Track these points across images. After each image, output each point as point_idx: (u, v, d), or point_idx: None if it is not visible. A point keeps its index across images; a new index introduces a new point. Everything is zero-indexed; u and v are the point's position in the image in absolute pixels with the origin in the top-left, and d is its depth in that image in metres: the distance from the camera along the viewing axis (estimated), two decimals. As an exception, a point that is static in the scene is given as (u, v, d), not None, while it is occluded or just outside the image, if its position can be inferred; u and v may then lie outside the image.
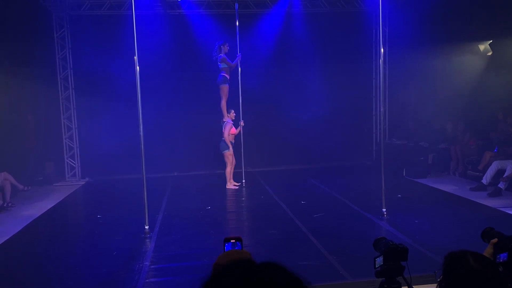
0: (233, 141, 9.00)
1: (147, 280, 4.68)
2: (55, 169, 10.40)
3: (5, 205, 7.89)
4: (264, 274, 0.99)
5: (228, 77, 8.82)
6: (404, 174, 9.71)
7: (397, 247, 2.27)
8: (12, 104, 9.80)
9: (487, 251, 2.24)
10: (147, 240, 5.95)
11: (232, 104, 9.21)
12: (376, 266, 2.33)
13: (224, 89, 8.85)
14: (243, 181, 9.23)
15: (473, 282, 1.63)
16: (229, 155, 8.92)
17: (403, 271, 2.29)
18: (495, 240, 2.27)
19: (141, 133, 6.11)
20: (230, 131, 8.83)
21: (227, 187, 9.03)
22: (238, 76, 9.14)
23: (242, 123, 9.14)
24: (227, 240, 1.79)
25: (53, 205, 8.25)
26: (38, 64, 9.96)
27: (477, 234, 2.48)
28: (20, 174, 8.89)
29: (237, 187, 9.07)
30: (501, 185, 7.72)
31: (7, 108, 9.65)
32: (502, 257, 2.21)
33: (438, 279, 1.76)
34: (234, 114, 8.96)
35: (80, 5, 10.05)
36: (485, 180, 8.04)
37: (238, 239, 1.80)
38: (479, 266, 1.64)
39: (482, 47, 10.06)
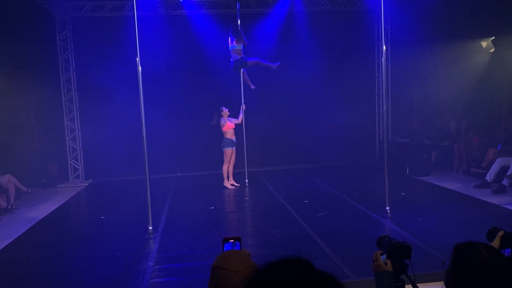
0: (235, 140, 9.00)
1: (151, 281, 4.69)
2: (59, 171, 10.43)
3: (9, 207, 7.92)
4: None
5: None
6: (407, 172, 9.69)
7: (400, 245, 2.27)
8: (15, 107, 9.83)
9: (495, 244, 2.24)
10: (151, 241, 5.96)
11: (234, 103, 9.24)
12: (380, 264, 2.33)
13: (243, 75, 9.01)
14: (246, 180, 9.23)
15: (484, 272, 1.62)
16: (227, 152, 8.93)
17: (406, 269, 2.28)
18: (501, 232, 2.27)
19: (144, 134, 6.12)
20: (230, 125, 8.90)
21: (224, 184, 9.04)
22: (240, 75, 9.14)
23: (243, 107, 9.13)
24: (226, 240, 1.78)
25: (56, 207, 8.27)
26: (40, 66, 9.99)
27: (481, 231, 2.47)
28: (23, 176, 8.93)
29: (235, 187, 9.06)
30: (505, 182, 7.69)
31: (10, 111, 9.68)
32: (506, 252, 2.21)
33: (445, 270, 1.74)
34: (228, 113, 8.96)
35: (82, 7, 10.07)
36: (489, 177, 8.02)
37: (237, 239, 1.79)
38: (490, 256, 1.63)
39: (484, 44, 10.02)
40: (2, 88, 9.37)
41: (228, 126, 8.92)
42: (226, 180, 9.09)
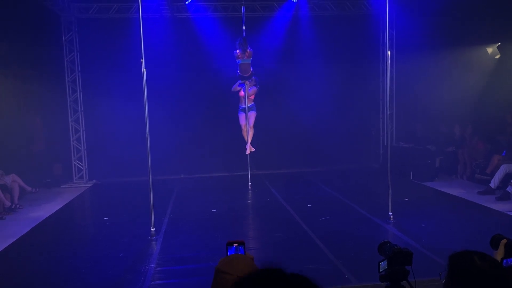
0: (243, 106, 8.92)
1: (153, 282, 4.70)
2: (63, 171, 10.48)
3: (13, 206, 7.95)
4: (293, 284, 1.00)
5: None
6: (411, 178, 9.66)
7: (401, 251, 2.26)
8: (21, 107, 9.89)
9: (499, 253, 2.23)
10: (153, 242, 5.97)
11: (237, 106, 9.26)
12: (380, 270, 2.32)
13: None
14: (249, 183, 9.23)
15: (480, 281, 1.62)
16: (240, 117, 8.96)
17: (407, 276, 2.28)
18: (504, 240, 2.25)
19: (148, 136, 6.14)
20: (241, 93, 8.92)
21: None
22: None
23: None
24: (230, 244, 1.77)
25: (60, 207, 8.30)
26: (46, 67, 10.05)
27: (484, 238, 2.46)
28: (28, 176, 8.97)
29: (251, 150, 9.00)
30: (510, 189, 7.64)
31: (16, 111, 9.74)
32: (510, 261, 2.18)
33: (443, 281, 1.74)
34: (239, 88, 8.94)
35: (88, 8, 10.13)
36: (493, 183, 7.97)
37: (241, 243, 1.78)
38: (484, 264, 1.63)
39: (490, 49, 9.99)
40: (9, 88, 9.42)
41: (240, 93, 8.90)
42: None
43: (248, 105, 8.89)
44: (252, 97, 8.96)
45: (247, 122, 8.91)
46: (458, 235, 5.87)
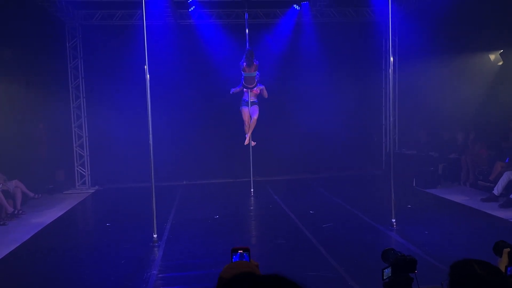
0: (246, 99, 8.72)
1: (155, 289, 4.69)
2: (66, 177, 10.49)
3: (15, 212, 7.96)
4: (269, 286, 0.99)
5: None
6: (414, 184, 9.63)
7: (405, 258, 2.26)
8: (24, 113, 9.93)
9: (503, 261, 2.22)
10: (155, 249, 5.96)
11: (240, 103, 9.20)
12: (384, 277, 2.31)
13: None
14: (252, 190, 9.23)
15: None
16: (242, 111, 8.76)
17: (411, 283, 2.27)
18: (507, 249, 2.25)
19: (151, 142, 6.15)
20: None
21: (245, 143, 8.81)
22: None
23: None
24: (235, 250, 1.77)
25: (62, 213, 8.31)
26: (50, 73, 10.11)
27: (488, 245, 2.45)
28: (31, 182, 8.98)
29: (252, 144, 8.82)
30: (513, 196, 7.62)
31: (19, 116, 9.77)
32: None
33: None
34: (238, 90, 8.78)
35: (92, 15, 10.20)
36: (497, 190, 7.94)
37: (246, 250, 1.77)
38: (485, 273, 1.63)
39: (492, 56, 9.99)
40: (12, 94, 9.47)
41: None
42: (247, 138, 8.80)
43: (252, 99, 8.80)
44: (258, 92, 8.78)
45: (251, 114, 8.77)
46: (461, 242, 5.84)
